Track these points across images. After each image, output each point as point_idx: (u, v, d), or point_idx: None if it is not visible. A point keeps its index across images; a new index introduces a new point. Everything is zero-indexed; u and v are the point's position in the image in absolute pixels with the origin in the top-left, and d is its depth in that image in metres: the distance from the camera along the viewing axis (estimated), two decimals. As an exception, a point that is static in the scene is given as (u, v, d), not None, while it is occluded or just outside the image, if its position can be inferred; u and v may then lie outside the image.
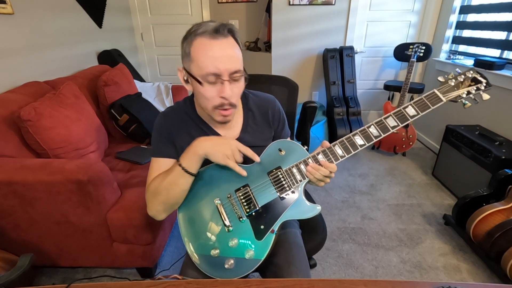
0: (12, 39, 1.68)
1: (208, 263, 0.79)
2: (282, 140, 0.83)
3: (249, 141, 0.89)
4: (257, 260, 0.76)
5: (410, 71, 2.43)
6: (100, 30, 2.56)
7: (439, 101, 0.73)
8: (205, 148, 0.75)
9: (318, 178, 0.76)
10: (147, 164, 1.66)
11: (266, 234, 0.77)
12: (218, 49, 0.71)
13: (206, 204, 0.82)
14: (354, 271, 1.52)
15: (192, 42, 0.73)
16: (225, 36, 0.72)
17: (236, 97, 0.78)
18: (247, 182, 0.81)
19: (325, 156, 0.76)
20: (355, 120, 2.74)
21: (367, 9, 2.85)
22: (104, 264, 1.42)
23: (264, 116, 0.93)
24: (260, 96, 0.95)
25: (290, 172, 0.78)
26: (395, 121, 0.74)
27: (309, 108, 1.46)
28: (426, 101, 0.73)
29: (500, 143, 1.79)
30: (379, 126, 0.75)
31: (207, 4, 3.20)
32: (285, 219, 0.78)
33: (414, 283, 0.62)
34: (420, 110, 0.73)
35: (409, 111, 0.74)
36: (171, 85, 2.57)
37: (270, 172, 0.80)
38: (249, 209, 0.79)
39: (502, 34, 2.10)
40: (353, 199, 2.09)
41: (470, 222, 1.55)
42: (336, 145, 0.76)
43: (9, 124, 1.34)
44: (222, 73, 0.72)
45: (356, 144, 0.75)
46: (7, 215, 1.24)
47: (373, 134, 0.75)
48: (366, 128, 0.75)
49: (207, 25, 0.72)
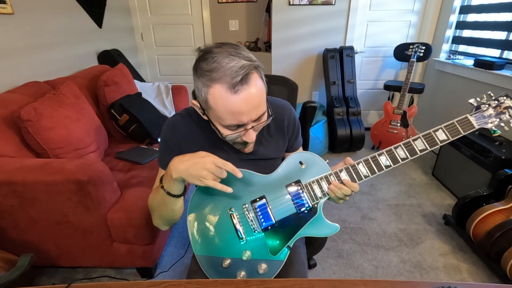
0: (12, 39, 1.68)
1: (219, 272, 0.76)
2: (304, 152, 0.79)
3: (264, 153, 0.85)
4: (270, 275, 0.74)
5: (410, 71, 2.43)
6: (100, 30, 2.56)
7: (472, 127, 0.69)
8: (179, 172, 0.66)
9: (339, 197, 0.73)
10: (147, 164, 1.66)
11: (281, 249, 0.74)
12: (241, 103, 0.62)
13: (219, 214, 0.78)
14: (354, 271, 1.52)
15: (209, 88, 0.62)
16: (248, 83, 0.62)
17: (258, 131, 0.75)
18: (264, 194, 0.77)
19: (348, 175, 0.73)
20: (355, 120, 2.74)
21: (367, 9, 2.84)
22: (104, 264, 1.41)
23: (279, 126, 0.87)
24: (275, 104, 0.86)
25: (310, 187, 0.75)
26: (423, 145, 0.71)
27: (309, 108, 1.46)
28: (458, 127, 0.70)
29: (500, 143, 1.79)
30: (407, 148, 0.72)
31: (207, 4, 3.20)
32: (303, 235, 0.75)
33: (414, 283, 0.62)
34: (451, 135, 0.70)
35: (439, 136, 0.71)
36: (171, 85, 2.57)
37: (288, 185, 0.76)
38: (265, 223, 0.75)
39: (502, 34, 2.10)
40: (353, 199, 2.09)
41: (470, 222, 1.55)
42: (360, 164, 0.73)
43: (9, 124, 1.34)
44: (247, 123, 0.67)
45: (382, 164, 0.73)
46: (7, 215, 1.24)
47: (400, 156, 0.72)
48: (393, 149, 0.73)
49: (227, 65, 0.60)
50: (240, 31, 3.39)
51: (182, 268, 1.53)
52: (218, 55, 0.62)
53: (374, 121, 2.82)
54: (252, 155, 0.84)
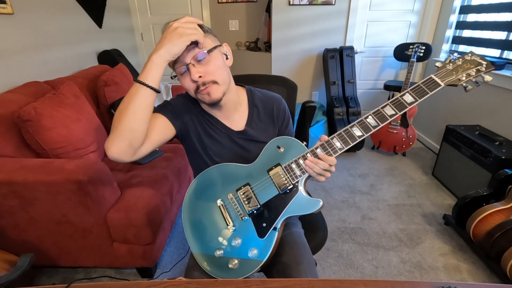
0: (12, 39, 1.68)
1: (213, 264, 0.79)
2: (280, 137, 0.83)
3: (253, 135, 0.91)
4: (261, 259, 0.76)
5: (410, 71, 2.43)
6: (100, 30, 2.56)
7: (437, 85, 0.71)
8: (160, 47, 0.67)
9: (318, 172, 0.74)
10: (147, 164, 1.66)
11: (268, 231, 0.77)
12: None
13: (209, 206, 0.83)
14: (354, 271, 1.52)
15: None
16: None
17: (210, 75, 0.76)
18: (248, 181, 0.82)
19: (324, 150, 0.75)
20: (355, 120, 2.73)
21: (367, 9, 2.84)
22: (104, 264, 1.42)
23: (268, 113, 0.94)
24: (265, 94, 0.97)
25: (289, 168, 0.78)
26: (393, 110, 0.72)
27: (308, 107, 1.46)
28: (424, 87, 0.71)
29: (500, 143, 1.79)
30: (376, 116, 0.73)
31: (207, 4, 3.20)
32: (288, 215, 0.77)
33: (414, 283, 0.61)
34: (418, 96, 0.71)
35: (407, 99, 0.72)
36: (171, 85, 2.57)
37: (269, 170, 0.80)
38: (250, 208, 0.79)
39: (502, 34, 2.10)
40: (353, 199, 2.09)
41: (470, 222, 1.55)
42: (334, 138, 0.75)
43: (9, 124, 1.34)
44: (183, 59, 0.73)
45: (354, 135, 0.74)
46: (7, 215, 1.24)
47: (371, 124, 0.73)
48: (363, 118, 0.74)
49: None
50: (240, 31, 3.39)
51: (182, 268, 1.53)
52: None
53: (374, 121, 2.82)
54: (242, 134, 0.91)
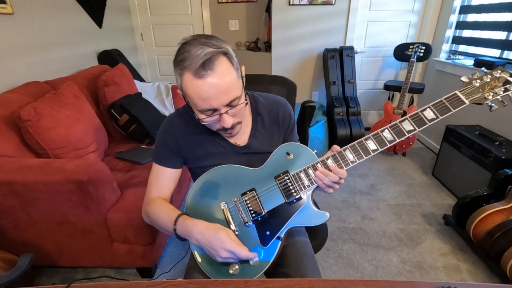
0: (12, 39, 1.68)
1: (213, 267, 0.77)
2: (291, 144, 0.80)
3: (258, 147, 0.86)
4: (262, 267, 0.74)
5: (410, 71, 2.43)
6: (100, 30, 2.56)
7: (462, 103, 0.65)
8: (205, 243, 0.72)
9: (327, 184, 0.72)
10: (147, 164, 1.66)
11: (271, 240, 0.75)
12: (208, 88, 0.65)
13: (213, 208, 0.80)
14: (354, 271, 1.52)
15: (182, 76, 0.67)
16: (211, 68, 0.64)
17: (239, 118, 0.76)
18: (254, 186, 0.78)
19: (335, 161, 0.72)
20: (355, 120, 2.73)
21: (367, 9, 2.84)
22: (104, 264, 1.42)
23: (274, 120, 0.89)
24: (269, 99, 0.90)
25: (297, 176, 0.75)
26: (411, 125, 0.67)
27: (308, 107, 1.46)
28: (447, 104, 0.66)
29: (500, 143, 1.79)
30: (393, 130, 0.69)
31: (207, 4, 3.19)
32: (292, 226, 0.75)
33: (414, 283, 0.61)
34: (440, 113, 0.66)
35: (427, 115, 0.67)
36: (171, 85, 2.57)
37: (277, 177, 0.77)
38: (255, 214, 0.76)
39: (502, 34, 2.10)
40: (353, 199, 2.09)
41: (470, 222, 1.55)
42: (347, 150, 0.71)
43: (9, 124, 1.34)
44: (218, 108, 0.68)
45: (368, 149, 0.70)
46: (7, 215, 1.24)
47: (387, 139, 0.69)
48: (379, 132, 0.70)
49: (195, 54, 0.64)
50: (240, 31, 3.39)
51: (182, 268, 1.53)
52: (189, 45, 0.66)
53: (374, 121, 2.82)
54: (247, 148, 0.85)
